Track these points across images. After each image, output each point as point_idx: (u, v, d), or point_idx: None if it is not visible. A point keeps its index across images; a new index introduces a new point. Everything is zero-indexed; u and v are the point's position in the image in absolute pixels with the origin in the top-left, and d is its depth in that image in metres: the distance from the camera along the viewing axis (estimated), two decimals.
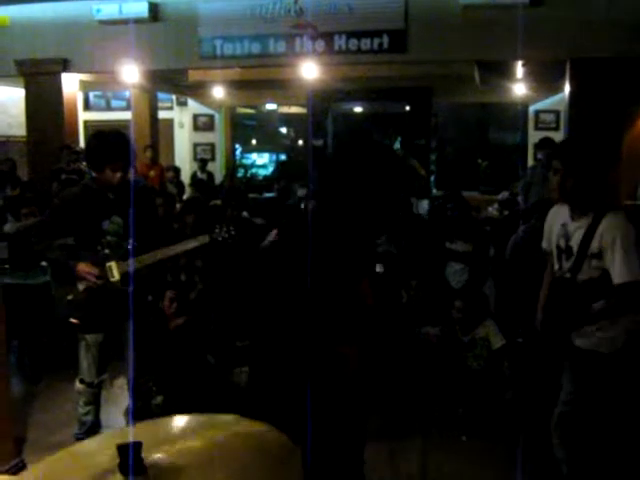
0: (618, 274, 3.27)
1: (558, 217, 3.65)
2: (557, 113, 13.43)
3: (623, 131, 9.20)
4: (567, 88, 9.32)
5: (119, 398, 5.43)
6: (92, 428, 4.60)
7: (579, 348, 3.55)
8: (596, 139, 3.70)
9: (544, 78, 11.51)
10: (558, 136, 10.65)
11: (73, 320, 4.40)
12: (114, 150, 4.25)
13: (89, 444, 2.22)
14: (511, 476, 4.48)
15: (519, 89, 12.84)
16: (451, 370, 5.51)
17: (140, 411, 4.55)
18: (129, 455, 1.55)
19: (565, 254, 3.55)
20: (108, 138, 4.33)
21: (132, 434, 1.77)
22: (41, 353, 6.22)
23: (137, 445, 1.59)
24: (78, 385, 4.56)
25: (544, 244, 3.78)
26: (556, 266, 3.65)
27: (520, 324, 6.01)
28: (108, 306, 4.35)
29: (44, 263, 5.81)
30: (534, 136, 13.69)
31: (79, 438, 4.52)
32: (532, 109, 14.44)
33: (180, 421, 2.02)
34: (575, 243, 3.46)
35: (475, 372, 5.50)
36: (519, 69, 10.90)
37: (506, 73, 11.44)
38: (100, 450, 1.87)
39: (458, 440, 4.97)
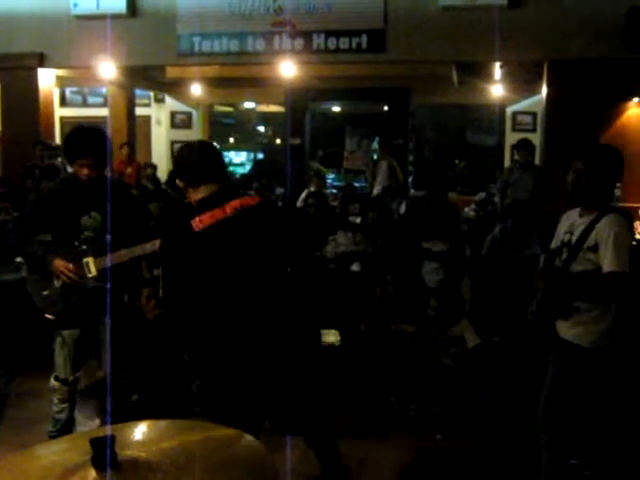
0: (608, 263, 3.46)
1: (569, 219, 3.84)
2: (534, 115, 13.54)
3: (600, 132, 9.29)
4: (544, 90, 9.40)
5: (94, 396, 5.39)
6: (66, 426, 4.56)
7: (562, 339, 3.70)
8: (613, 149, 3.94)
9: (522, 79, 11.60)
10: (535, 137, 10.72)
11: (49, 316, 4.36)
12: (80, 145, 4.22)
13: (61, 441, 2.20)
14: (486, 474, 4.51)
15: (497, 90, 12.93)
16: (426, 368, 5.53)
17: (115, 409, 4.51)
18: (102, 449, 1.54)
19: (566, 247, 3.72)
20: (78, 133, 4.30)
21: (108, 430, 1.77)
22: (15, 350, 6.16)
23: (110, 439, 1.59)
24: (53, 382, 4.52)
25: (552, 245, 3.89)
26: (556, 261, 3.76)
27: (496, 323, 6.06)
28: (84, 302, 4.32)
29: (18, 259, 5.76)
30: (511, 137, 13.80)
31: (53, 436, 4.49)
32: (509, 110, 14.55)
33: (153, 424, 2.02)
34: (576, 237, 3.67)
35: (450, 371, 5.52)
36: (497, 70, 10.97)
37: (484, 74, 11.51)
38: (72, 447, 1.86)
39: (433, 439, 4.98)
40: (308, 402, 3.62)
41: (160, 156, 15.62)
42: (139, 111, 14.36)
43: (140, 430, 1.96)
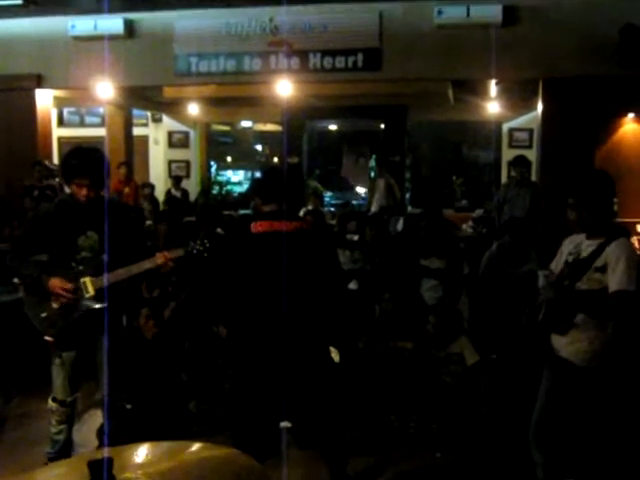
0: (616, 282, 3.53)
1: (572, 242, 3.91)
2: (530, 131, 13.58)
3: (595, 149, 9.32)
4: (540, 106, 9.44)
5: (92, 417, 5.37)
6: (64, 447, 4.54)
7: (557, 355, 3.75)
8: (600, 173, 4.08)
9: (517, 96, 11.65)
10: (531, 154, 10.75)
11: (47, 337, 4.35)
12: (78, 166, 4.23)
13: (60, 465, 2.19)
14: None
15: (493, 107, 12.98)
16: (426, 386, 5.51)
17: (113, 430, 4.49)
18: (100, 471, 1.54)
19: (573, 266, 3.77)
20: (76, 154, 4.31)
21: (105, 452, 1.76)
22: (13, 372, 6.14)
23: (108, 462, 1.58)
24: (51, 403, 4.51)
25: (553, 266, 3.92)
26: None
27: (494, 340, 6.05)
28: (83, 323, 4.31)
29: (15, 280, 5.75)
30: (508, 154, 13.82)
31: (51, 457, 4.47)
32: (506, 127, 14.59)
33: (152, 446, 2.01)
34: (584, 257, 3.74)
35: (449, 388, 5.51)
36: (492, 88, 11.03)
37: (480, 91, 11.57)
38: (71, 471, 1.86)
39: (433, 457, 4.96)
40: (330, 414, 3.89)
41: (158, 176, 15.62)
42: (137, 131, 14.39)
43: (138, 452, 1.95)
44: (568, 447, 3.85)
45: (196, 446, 2.02)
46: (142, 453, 1.95)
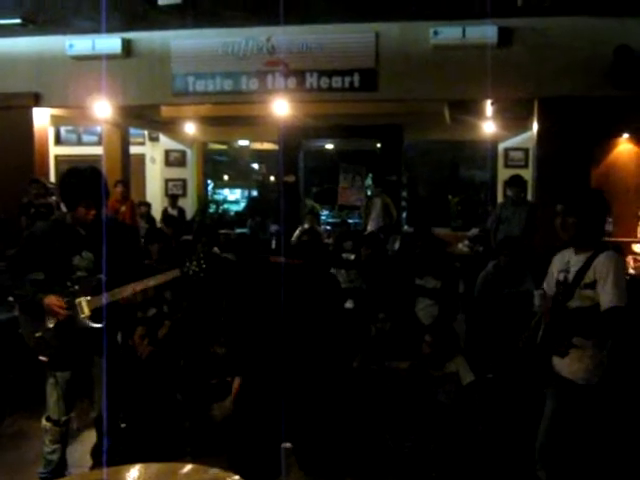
0: (608, 300, 3.52)
1: (563, 259, 3.91)
2: (526, 151, 13.64)
3: (590, 168, 9.36)
4: (535, 126, 9.49)
5: (86, 437, 5.34)
6: (58, 467, 4.51)
7: (560, 376, 3.76)
8: (592, 189, 4.26)
9: (513, 116, 11.71)
10: (527, 173, 10.79)
11: (42, 357, 4.34)
12: (86, 188, 4.21)
13: None
14: None
15: (488, 127, 13.03)
16: (421, 406, 5.49)
17: (108, 450, 4.47)
18: None
19: (563, 286, 3.78)
20: (80, 176, 4.28)
21: (99, 474, 1.76)
22: (7, 390, 6.11)
23: None
24: (45, 423, 4.48)
25: (545, 286, 3.93)
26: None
27: (490, 360, 6.04)
28: (78, 343, 4.29)
29: (11, 299, 5.73)
30: (504, 173, 13.89)
31: (44, 478, 4.44)
32: (502, 147, 14.65)
33: (145, 468, 2.01)
34: (572, 274, 3.73)
35: (445, 408, 5.49)
36: (488, 107, 11.07)
37: (475, 111, 11.61)
38: None
39: (429, 477, 4.94)
40: (331, 434, 4.06)
41: (154, 194, 15.66)
42: (133, 149, 14.43)
43: (132, 474, 1.94)
44: (573, 464, 3.84)
45: (190, 468, 2.02)
46: (135, 475, 1.95)
